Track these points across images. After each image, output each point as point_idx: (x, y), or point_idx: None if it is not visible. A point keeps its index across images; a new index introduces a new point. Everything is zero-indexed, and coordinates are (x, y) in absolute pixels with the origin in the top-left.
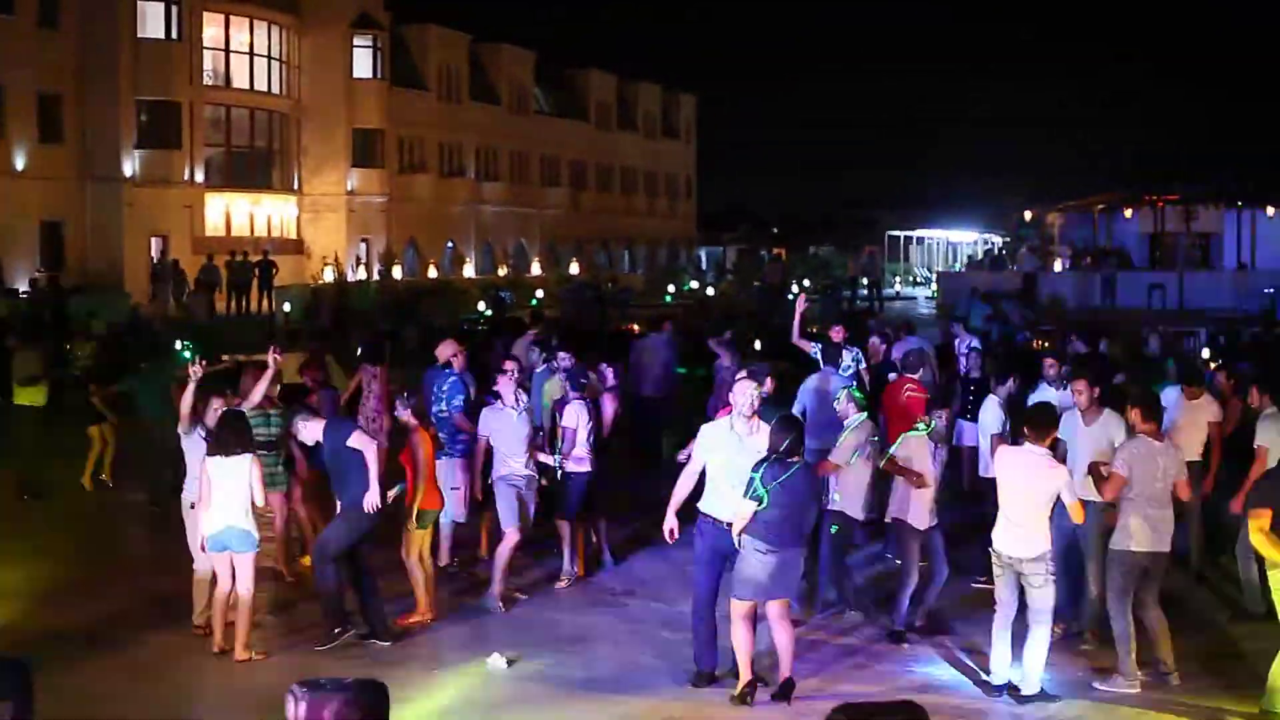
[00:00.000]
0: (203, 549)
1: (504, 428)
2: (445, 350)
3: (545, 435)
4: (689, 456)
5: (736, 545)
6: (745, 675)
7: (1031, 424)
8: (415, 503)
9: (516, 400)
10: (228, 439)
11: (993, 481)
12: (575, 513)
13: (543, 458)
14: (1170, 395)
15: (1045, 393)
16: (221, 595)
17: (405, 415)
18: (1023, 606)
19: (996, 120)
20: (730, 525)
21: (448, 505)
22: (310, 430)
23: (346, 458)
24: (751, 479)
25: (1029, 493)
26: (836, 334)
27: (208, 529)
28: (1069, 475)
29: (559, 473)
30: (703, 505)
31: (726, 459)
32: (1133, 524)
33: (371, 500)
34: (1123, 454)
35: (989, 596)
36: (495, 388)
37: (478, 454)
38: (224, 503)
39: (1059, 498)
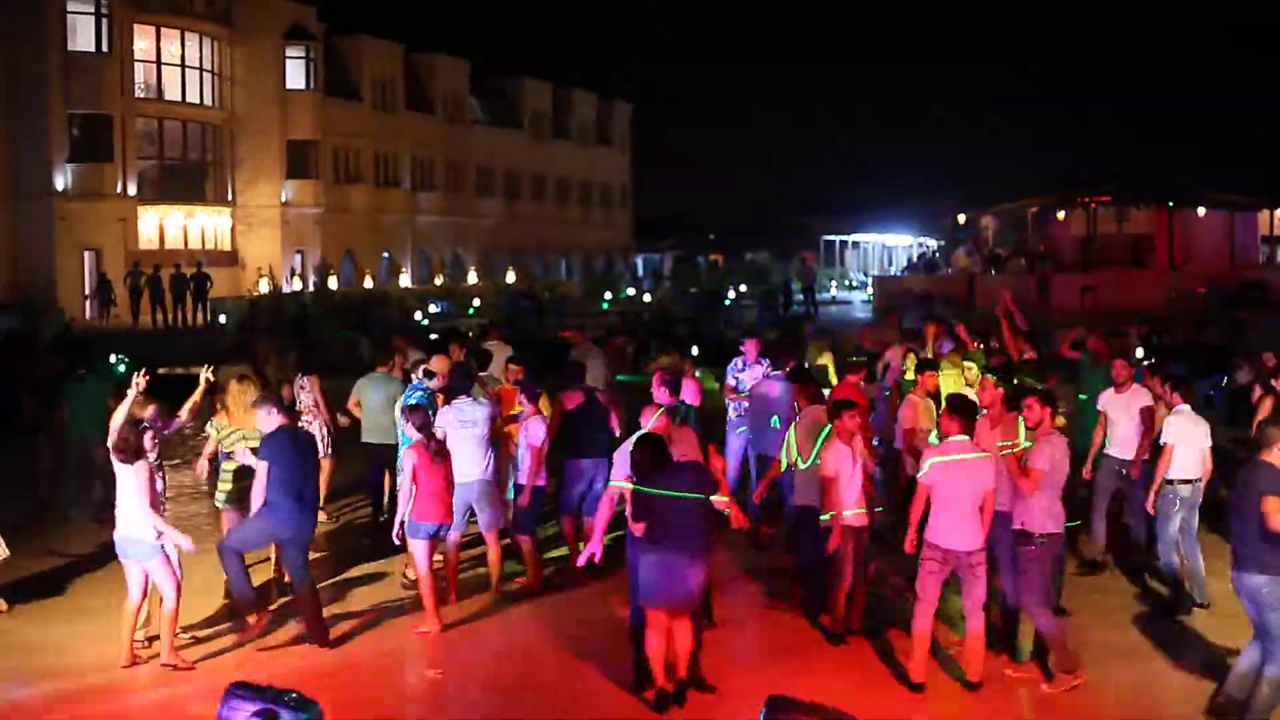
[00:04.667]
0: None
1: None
2: (439, 366)
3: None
4: None
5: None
6: (658, 681)
7: (955, 414)
8: (404, 514)
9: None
10: (120, 447)
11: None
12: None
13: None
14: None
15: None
16: (130, 607)
17: (409, 430)
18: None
19: (930, 124)
20: None
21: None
22: (268, 421)
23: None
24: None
25: (963, 484)
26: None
27: (115, 537)
28: (995, 468)
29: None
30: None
31: None
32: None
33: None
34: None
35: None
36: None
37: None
38: (124, 511)
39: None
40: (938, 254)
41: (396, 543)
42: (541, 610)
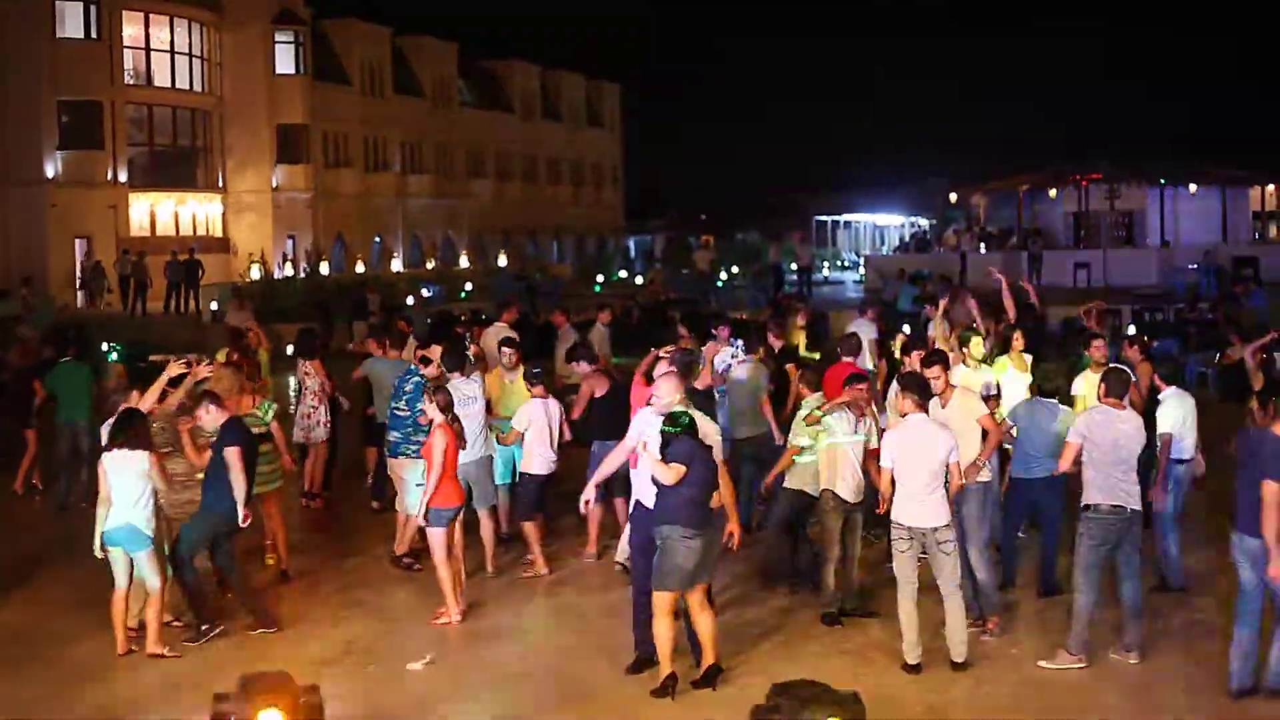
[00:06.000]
0: (101, 548)
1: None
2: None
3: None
4: None
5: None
6: (666, 668)
7: (908, 391)
8: (426, 500)
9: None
10: (124, 434)
11: None
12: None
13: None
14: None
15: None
16: (119, 595)
17: (432, 411)
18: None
19: (919, 102)
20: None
21: (411, 501)
22: (212, 418)
23: (221, 461)
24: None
25: (921, 460)
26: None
27: (105, 525)
28: (953, 438)
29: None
30: (635, 494)
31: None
32: None
33: (239, 514)
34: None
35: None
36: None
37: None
38: (120, 499)
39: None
40: (929, 233)
41: (423, 524)
42: (545, 595)
